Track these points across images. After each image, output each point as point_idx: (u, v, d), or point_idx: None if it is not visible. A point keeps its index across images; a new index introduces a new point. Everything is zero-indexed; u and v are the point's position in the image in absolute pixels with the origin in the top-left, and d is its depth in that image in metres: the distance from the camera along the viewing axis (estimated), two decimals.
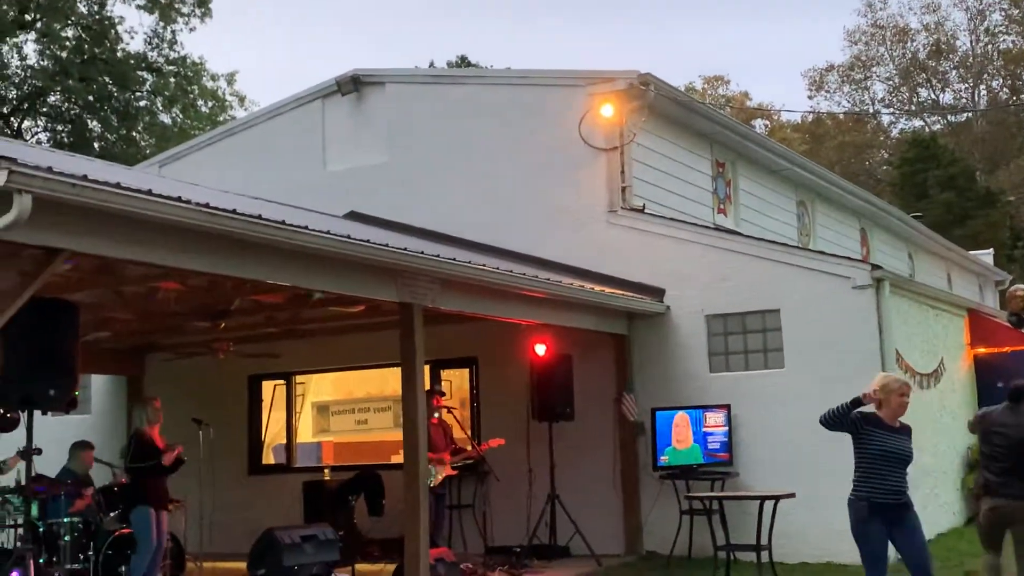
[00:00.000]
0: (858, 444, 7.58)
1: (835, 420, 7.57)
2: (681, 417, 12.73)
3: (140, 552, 9.88)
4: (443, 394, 13.00)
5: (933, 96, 51.05)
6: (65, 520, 9.95)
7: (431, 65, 41.29)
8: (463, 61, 42.43)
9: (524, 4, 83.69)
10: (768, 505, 10.95)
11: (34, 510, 9.62)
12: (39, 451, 9.52)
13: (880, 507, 7.42)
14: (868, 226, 22.59)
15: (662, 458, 12.69)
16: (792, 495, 11.06)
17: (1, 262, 6.68)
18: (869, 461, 7.49)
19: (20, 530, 9.75)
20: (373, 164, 15.59)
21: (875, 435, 7.47)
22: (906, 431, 7.64)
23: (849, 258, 14.08)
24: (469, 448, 12.86)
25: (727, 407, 12.70)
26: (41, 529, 9.79)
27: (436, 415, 12.24)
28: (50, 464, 10.73)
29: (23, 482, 9.17)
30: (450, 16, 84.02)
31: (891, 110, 51.30)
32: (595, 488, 13.17)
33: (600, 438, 13.26)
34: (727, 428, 12.65)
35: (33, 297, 6.82)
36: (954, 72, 50.27)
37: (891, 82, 51.15)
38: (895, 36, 50.44)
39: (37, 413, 7.79)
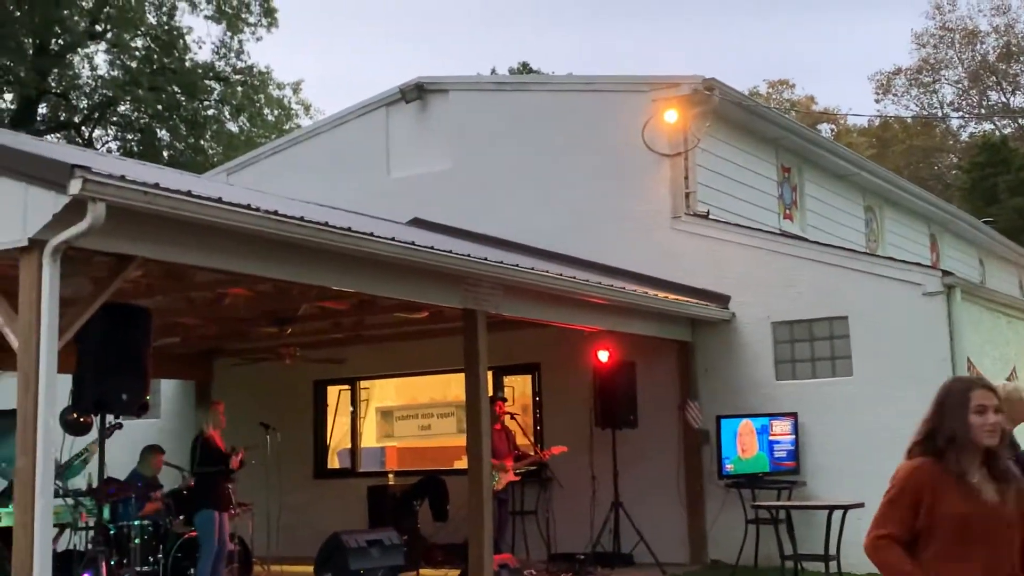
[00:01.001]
0: None
1: None
2: (746, 425, 12.61)
3: (203, 554, 10.05)
4: (505, 400, 13.02)
5: (1003, 99, 50.05)
6: (135, 523, 10.11)
7: (493, 72, 41.41)
8: (525, 68, 42.50)
9: (585, 9, 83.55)
10: (836, 515, 10.82)
11: (105, 513, 9.78)
12: (120, 426, 9.57)
13: None
14: (937, 232, 22.22)
15: (727, 466, 12.57)
16: (861, 505, 10.90)
17: (75, 269, 6.82)
18: None
19: (92, 532, 9.90)
20: (437, 171, 15.66)
21: None
22: None
23: (919, 264, 13.87)
24: (532, 454, 12.86)
25: (794, 415, 12.55)
26: (112, 531, 9.94)
27: (499, 421, 12.26)
28: (121, 467, 10.92)
29: (95, 484, 9.33)
30: (511, 23, 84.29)
31: (960, 113, 50.43)
32: (659, 496, 13.09)
33: (664, 445, 13.18)
34: (794, 436, 12.50)
35: (106, 303, 6.95)
36: None
37: (960, 85, 50.27)
38: (964, 38, 49.57)
39: (109, 416, 7.93)
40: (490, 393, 11.38)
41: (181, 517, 10.64)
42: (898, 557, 3.86)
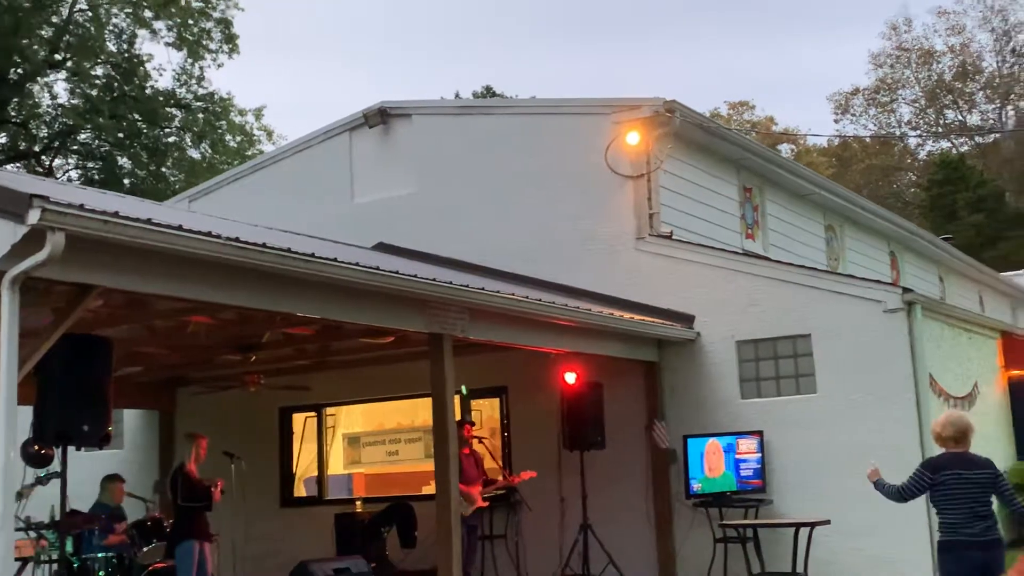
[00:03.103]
0: None
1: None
2: (713, 444, 12.64)
3: None
4: (473, 423, 12.99)
5: (960, 118, 50.81)
6: (99, 555, 9.98)
7: (457, 96, 41.54)
8: (488, 92, 42.66)
9: (546, 34, 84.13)
10: (803, 532, 10.86)
11: (69, 545, 9.66)
12: (59, 474, 9.56)
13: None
14: (898, 249, 22.45)
15: (695, 486, 12.59)
16: (827, 522, 10.97)
17: (34, 299, 6.74)
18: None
19: (55, 566, 9.77)
20: (401, 195, 15.65)
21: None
22: None
23: (880, 281, 13.99)
24: (501, 479, 12.83)
25: (759, 433, 12.60)
26: (76, 564, 9.81)
27: (467, 445, 12.22)
28: (83, 499, 10.79)
29: (57, 517, 9.22)
30: (475, 48, 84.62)
31: (918, 132, 51.11)
32: (628, 517, 13.09)
33: (632, 466, 13.19)
34: (760, 455, 12.55)
35: (66, 333, 6.88)
36: (980, 93, 50.05)
37: (917, 104, 50.98)
38: (920, 58, 50.33)
39: (71, 448, 7.84)
40: (457, 417, 11.36)
41: (150, 546, 10.51)
42: None
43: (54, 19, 30.85)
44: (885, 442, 11.74)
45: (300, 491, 15.58)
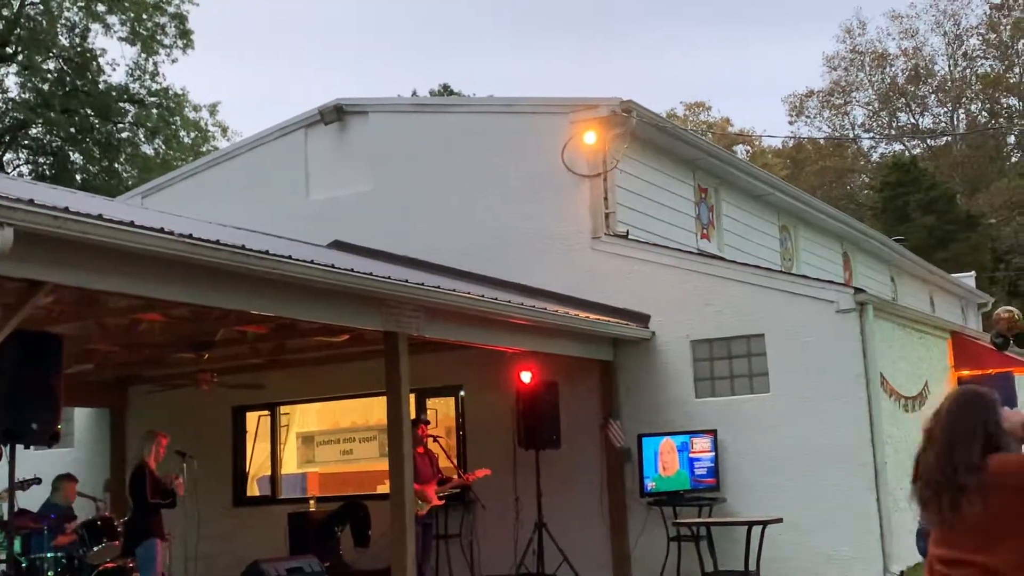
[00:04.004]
0: None
1: None
2: (667, 443, 12.70)
3: None
4: (428, 423, 12.96)
5: (912, 120, 51.46)
6: (48, 555, 9.86)
7: (414, 94, 41.42)
8: (446, 90, 42.58)
9: (504, 33, 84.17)
10: (756, 530, 10.95)
11: (17, 545, 9.53)
12: (39, 481, 9.65)
13: None
14: (851, 250, 22.69)
15: (649, 484, 12.65)
16: (780, 520, 11.06)
17: None
18: None
19: (3, 565, 9.64)
20: (357, 193, 15.58)
21: None
22: None
23: (832, 282, 14.13)
24: (455, 477, 12.81)
25: (713, 432, 12.68)
26: (24, 564, 9.68)
27: (422, 444, 12.20)
28: (32, 498, 10.65)
29: (5, 517, 9.09)
30: (432, 45, 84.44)
31: (871, 135, 51.69)
32: (582, 515, 13.12)
33: (587, 465, 13.22)
34: (714, 453, 12.63)
35: (16, 330, 6.79)
36: (933, 97, 50.72)
37: (871, 107, 51.57)
38: (874, 61, 50.91)
39: (19, 447, 7.73)
40: (412, 416, 11.33)
41: (101, 546, 10.39)
42: None
43: (4, 12, 30.41)
44: (837, 441, 11.89)
45: (253, 490, 15.47)
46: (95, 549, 10.28)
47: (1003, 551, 3.66)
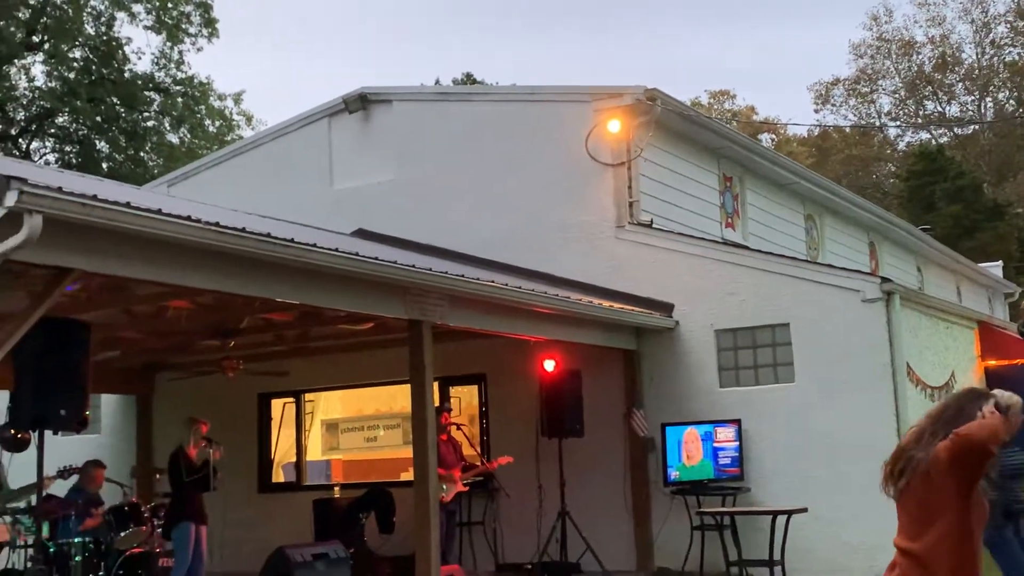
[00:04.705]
0: None
1: None
2: (691, 432, 12.69)
3: (177, 567, 10.04)
4: (451, 410, 13.00)
5: (939, 109, 51.02)
6: (76, 540, 9.95)
7: (437, 83, 41.39)
8: (468, 78, 42.53)
9: (527, 21, 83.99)
10: (780, 520, 10.92)
11: (45, 530, 9.62)
12: (77, 469, 9.83)
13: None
14: (876, 239, 22.56)
15: (672, 474, 12.64)
16: (805, 510, 11.03)
17: (11, 283, 6.70)
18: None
19: (31, 550, 9.73)
20: (380, 181, 15.61)
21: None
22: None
23: (859, 271, 14.06)
24: (479, 465, 12.84)
25: (737, 422, 12.66)
26: (52, 549, 9.77)
27: (445, 432, 12.23)
28: (60, 484, 10.74)
29: (34, 502, 9.17)
30: (455, 34, 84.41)
31: (897, 123, 51.29)
32: (605, 504, 13.13)
33: (610, 454, 13.22)
34: (738, 443, 12.60)
35: (43, 317, 6.84)
36: (960, 85, 50.26)
37: (897, 95, 51.14)
38: (900, 49, 50.47)
39: (48, 433, 7.80)
40: (436, 404, 11.35)
41: (124, 533, 10.48)
42: None
43: (31, 1, 30.55)
44: (863, 431, 11.82)
45: (278, 477, 15.56)
46: (122, 534, 10.37)
47: (927, 538, 3.70)
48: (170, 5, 31.84)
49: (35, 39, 30.82)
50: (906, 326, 12.53)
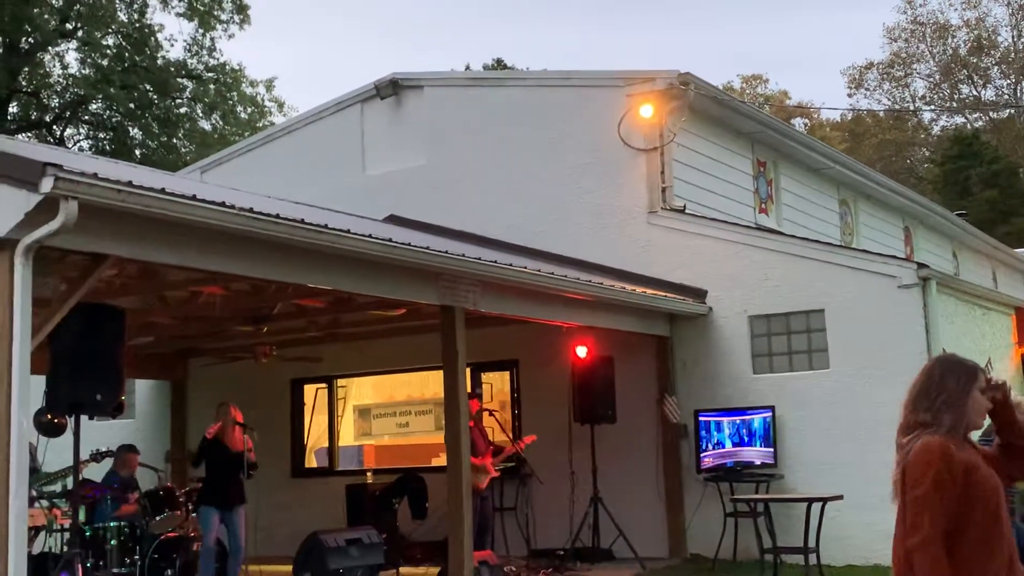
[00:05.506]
0: None
1: None
2: (724, 419, 12.63)
3: (201, 551, 10.12)
4: (480, 396, 12.98)
5: (975, 93, 50.43)
6: (111, 524, 10.02)
7: (467, 68, 41.33)
8: (499, 64, 42.43)
9: (557, 5, 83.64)
10: (815, 507, 10.85)
11: (81, 514, 9.69)
12: (111, 453, 9.90)
13: None
14: (912, 224, 22.34)
15: (705, 460, 12.59)
16: (840, 497, 10.95)
17: (47, 268, 6.73)
18: None
19: (67, 534, 9.82)
20: (412, 167, 15.60)
21: None
22: None
23: (895, 257, 13.93)
24: (507, 448, 12.80)
25: (771, 408, 12.58)
26: (88, 533, 9.85)
27: (473, 419, 12.21)
28: (96, 468, 10.83)
29: (70, 487, 9.24)
30: (485, 20, 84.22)
31: (932, 107, 50.76)
32: (638, 490, 13.10)
33: (642, 440, 13.19)
34: (772, 430, 12.52)
35: (79, 303, 6.87)
36: (995, 68, 49.65)
37: (932, 79, 50.61)
38: (935, 33, 49.91)
39: (84, 418, 7.85)
40: (467, 390, 11.34)
41: (159, 518, 10.55)
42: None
43: None
44: (897, 418, 11.69)
45: (311, 462, 15.63)
46: (157, 519, 10.43)
47: (899, 536, 3.56)
48: None
49: (69, 26, 31.01)
50: (942, 312, 12.40)
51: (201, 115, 33.42)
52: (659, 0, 79.07)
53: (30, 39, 30.22)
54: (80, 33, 31.16)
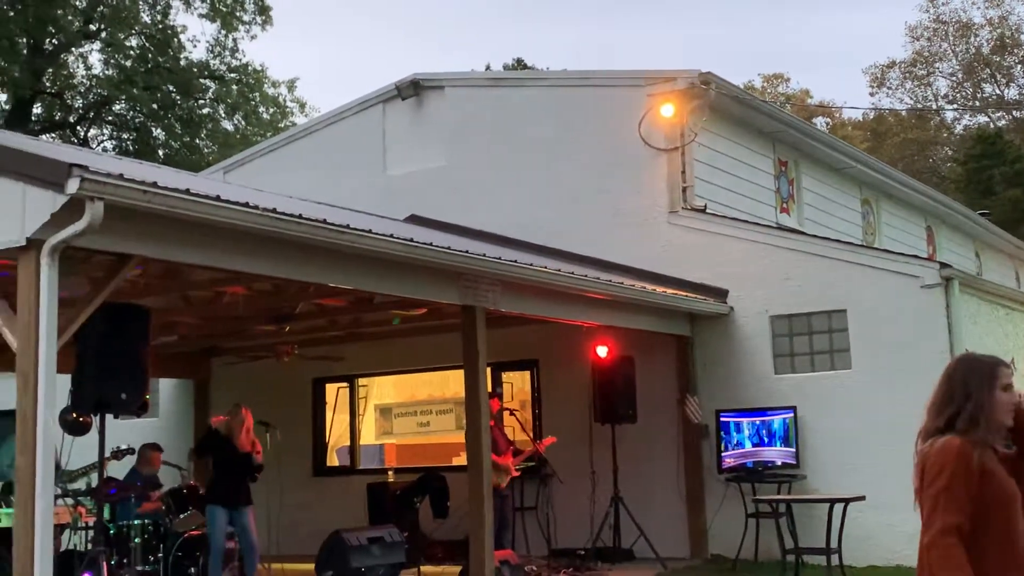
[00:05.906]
0: None
1: None
2: (745, 419, 12.61)
3: (210, 549, 10.16)
4: (500, 396, 13.00)
5: (998, 91, 50.07)
6: (135, 522, 10.10)
7: (487, 68, 41.36)
8: (519, 64, 42.43)
9: (577, 5, 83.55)
10: (837, 508, 10.82)
11: (106, 512, 9.76)
12: (132, 451, 10.00)
13: None
14: (934, 224, 22.23)
15: (726, 460, 12.57)
16: (862, 498, 10.91)
17: (73, 268, 6.79)
18: None
19: (92, 532, 9.89)
20: (433, 167, 15.64)
21: None
22: None
23: (917, 256, 13.88)
24: (528, 448, 12.83)
25: (793, 409, 12.55)
26: (112, 531, 9.93)
27: (493, 418, 12.23)
28: (119, 466, 10.91)
29: (94, 484, 9.31)
30: (506, 20, 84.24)
31: (955, 106, 50.44)
32: (659, 491, 13.09)
33: (663, 440, 13.18)
34: (793, 430, 12.50)
35: (104, 302, 6.93)
36: (1019, 67, 49.24)
37: (954, 78, 50.26)
38: (958, 31, 49.56)
39: (108, 416, 7.91)
40: (488, 389, 11.37)
41: (182, 516, 10.62)
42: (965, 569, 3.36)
43: None
44: (920, 418, 11.65)
45: (332, 460, 15.69)
46: (180, 517, 10.50)
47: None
48: None
49: (92, 27, 31.21)
50: (965, 312, 12.34)
51: (223, 116, 33.59)
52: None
53: (54, 40, 30.45)
54: (103, 34, 31.35)
